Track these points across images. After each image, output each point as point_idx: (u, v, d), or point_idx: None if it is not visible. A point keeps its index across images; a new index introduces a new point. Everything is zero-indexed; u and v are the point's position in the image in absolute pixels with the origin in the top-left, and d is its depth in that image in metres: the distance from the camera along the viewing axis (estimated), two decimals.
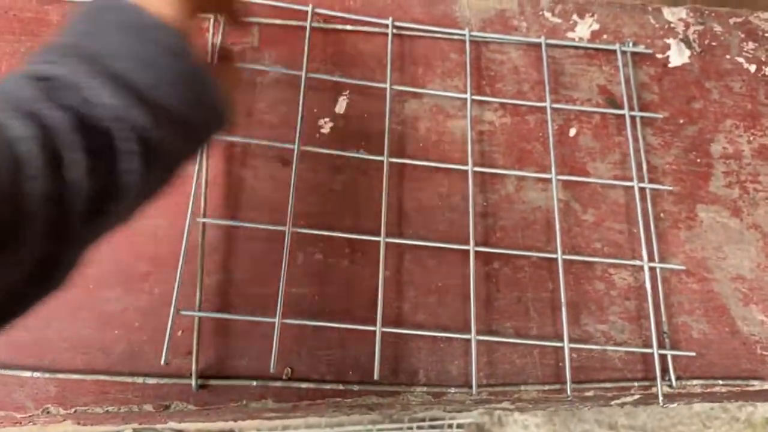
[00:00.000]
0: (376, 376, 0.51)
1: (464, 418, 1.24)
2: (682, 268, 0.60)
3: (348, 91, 0.62)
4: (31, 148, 0.28)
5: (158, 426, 1.36)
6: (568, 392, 0.53)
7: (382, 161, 0.58)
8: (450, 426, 1.23)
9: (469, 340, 0.54)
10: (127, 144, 0.32)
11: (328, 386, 0.52)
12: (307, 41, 0.61)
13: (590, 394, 0.55)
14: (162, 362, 0.48)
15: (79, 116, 0.31)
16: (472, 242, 0.57)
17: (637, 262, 0.60)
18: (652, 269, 0.59)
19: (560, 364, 0.56)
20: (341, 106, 0.62)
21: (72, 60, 0.33)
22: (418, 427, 1.20)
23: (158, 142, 0.34)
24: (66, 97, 0.31)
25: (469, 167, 0.60)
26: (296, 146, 0.57)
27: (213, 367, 0.52)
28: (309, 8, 0.62)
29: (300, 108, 0.58)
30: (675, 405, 0.62)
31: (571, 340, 0.55)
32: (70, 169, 0.30)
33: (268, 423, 1.18)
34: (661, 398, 0.54)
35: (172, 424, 1.27)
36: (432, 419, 1.22)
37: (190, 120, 0.37)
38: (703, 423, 1.46)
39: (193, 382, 0.50)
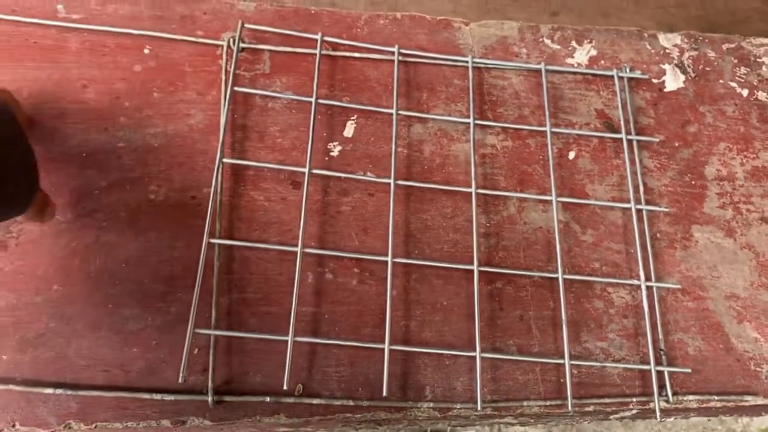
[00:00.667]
0: (385, 393, 0.53)
1: (467, 430, 1.26)
2: (678, 286, 0.63)
3: (356, 116, 0.65)
4: None
5: None
6: (569, 407, 0.55)
7: (389, 183, 0.61)
8: None
9: (474, 358, 0.56)
10: None
11: (338, 402, 0.54)
12: (317, 68, 0.63)
13: (590, 409, 0.57)
14: (180, 380, 0.50)
15: None
16: (476, 262, 0.59)
17: (635, 282, 0.62)
18: (649, 288, 0.61)
19: (561, 380, 0.58)
20: (349, 130, 0.64)
21: None
22: None
23: None
24: None
25: (473, 189, 0.62)
26: (307, 170, 0.59)
27: (227, 383, 0.54)
28: (318, 36, 0.65)
29: (310, 132, 0.60)
30: (672, 419, 0.64)
31: (571, 357, 0.57)
32: None
33: None
34: (658, 413, 0.57)
35: None
36: (433, 431, 1.24)
37: None
38: None
39: (210, 398, 0.52)
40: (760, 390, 0.61)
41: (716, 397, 0.59)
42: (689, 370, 0.60)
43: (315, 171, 0.60)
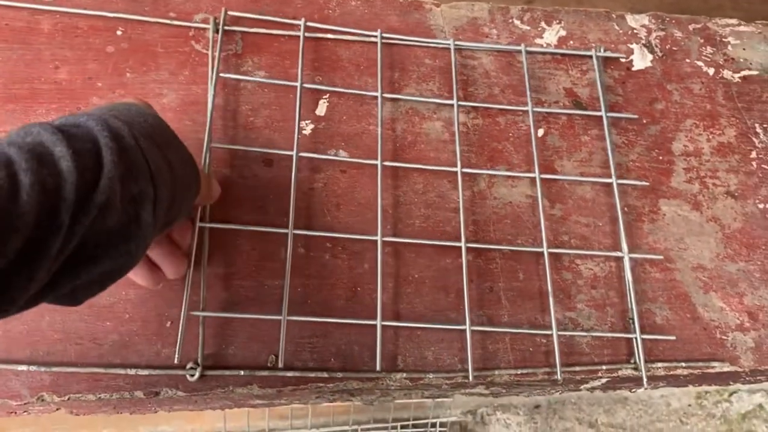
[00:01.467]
0: (378, 368, 0.54)
1: (447, 417, 1.27)
2: (660, 257, 0.64)
3: (328, 95, 0.66)
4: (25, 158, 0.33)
5: (146, 431, 1.37)
6: (558, 376, 0.56)
7: (376, 165, 0.62)
8: (433, 425, 1.26)
9: (463, 331, 0.57)
10: (106, 141, 0.37)
11: (312, 374, 0.55)
12: (301, 53, 0.64)
13: (558, 377, 0.58)
14: (175, 361, 0.51)
15: (66, 129, 0.37)
16: (463, 239, 0.60)
17: (618, 253, 0.63)
18: (618, 260, 0.63)
19: (531, 349, 0.59)
20: (321, 108, 0.65)
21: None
22: (402, 427, 1.23)
23: (137, 147, 0.40)
24: (54, 126, 0.37)
25: (458, 169, 0.63)
26: (295, 152, 0.60)
27: (204, 357, 0.54)
28: (302, 22, 0.66)
29: (297, 116, 0.61)
30: (642, 389, 0.65)
31: (540, 327, 0.59)
32: (60, 163, 0.34)
33: (255, 424, 1.20)
34: (645, 380, 0.58)
35: (161, 429, 1.28)
36: (415, 419, 1.25)
37: (167, 152, 0.44)
38: (681, 419, 1.50)
39: (197, 374, 0.52)
40: (726, 357, 0.62)
41: (683, 364, 0.60)
42: (673, 337, 0.61)
43: (303, 154, 0.61)
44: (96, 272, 0.38)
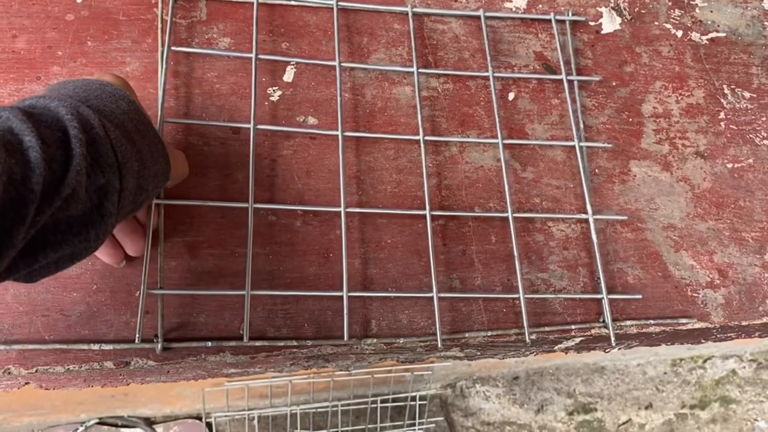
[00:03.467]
0: (346, 338, 0.54)
1: (426, 390, 1.28)
2: (624, 218, 0.64)
3: (295, 61, 0.65)
4: None
5: (125, 414, 1.36)
6: (527, 338, 0.57)
7: (337, 135, 0.61)
8: (413, 399, 1.26)
9: (431, 299, 0.57)
10: (76, 131, 0.37)
11: (282, 343, 0.54)
12: (255, 24, 0.62)
13: (533, 337, 0.59)
14: (135, 341, 0.50)
15: (30, 115, 0.35)
16: (427, 207, 0.59)
17: (582, 216, 0.63)
18: (595, 220, 0.63)
19: (504, 310, 0.59)
20: (289, 75, 0.64)
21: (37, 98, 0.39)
22: (382, 402, 1.23)
23: (106, 138, 0.39)
24: (22, 107, 0.37)
25: (420, 137, 0.62)
26: (252, 125, 0.58)
27: (173, 328, 0.54)
28: None
29: (253, 86, 0.60)
30: (616, 349, 0.65)
31: (513, 289, 0.59)
32: (28, 153, 0.33)
33: (234, 404, 1.20)
34: (613, 339, 0.58)
35: (139, 413, 1.27)
36: (395, 393, 1.25)
37: (136, 140, 0.43)
38: (657, 387, 1.52)
39: (159, 346, 0.52)
40: (697, 314, 0.63)
41: (652, 321, 0.61)
42: (640, 296, 0.62)
43: (260, 126, 0.59)
44: (54, 257, 0.37)
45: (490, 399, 1.43)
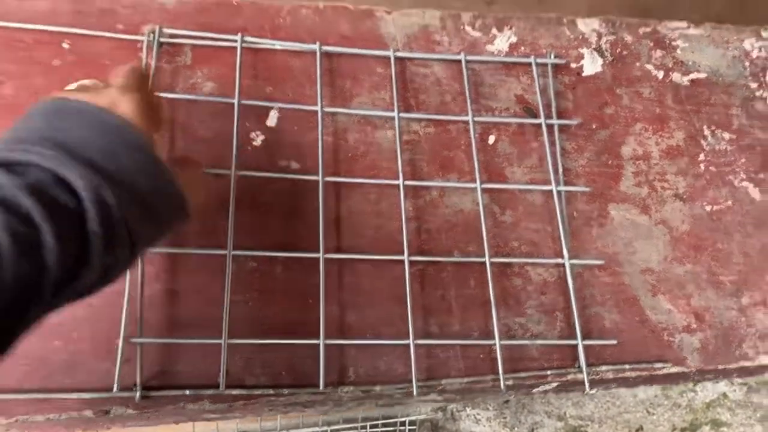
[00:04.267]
0: (321, 387, 0.54)
1: (417, 415, 1.28)
2: (601, 262, 0.65)
3: (278, 106, 0.66)
4: (1, 235, 0.30)
5: None
6: (502, 386, 0.58)
7: (317, 180, 0.62)
8: (403, 424, 1.27)
9: (407, 346, 0.58)
10: (95, 225, 0.35)
11: (259, 391, 0.55)
12: (238, 71, 0.64)
13: (510, 383, 0.59)
14: (114, 390, 0.51)
15: (48, 199, 0.33)
16: (406, 252, 0.60)
17: (559, 260, 0.64)
18: (572, 265, 0.64)
19: (481, 356, 0.60)
20: (272, 119, 0.65)
21: (39, 148, 0.35)
22: (372, 426, 1.23)
23: (123, 222, 0.37)
24: (36, 181, 0.33)
25: (400, 182, 0.63)
26: (233, 171, 0.59)
27: (151, 377, 0.54)
28: (238, 37, 0.65)
29: (235, 134, 0.61)
30: (594, 391, 0.66)
31: (490, 334, 0.60)
32: (42, 254, 0.32)
33: (224, 427, 1.20)
34: (587, 385, 0.59)
35: None
36: (385, 418, 1.26)
37: (153, 205, 0.40)
38: (647, 410, 1.53)
39: (137, 394, 0.52)
40: (673, 358, 0.64)
41: (628, 366, 0.62)
42: (614, 342, 0.62)
43: (240, 173, 0.60)
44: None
45: (480, 422, 1.43)
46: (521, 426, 1.46)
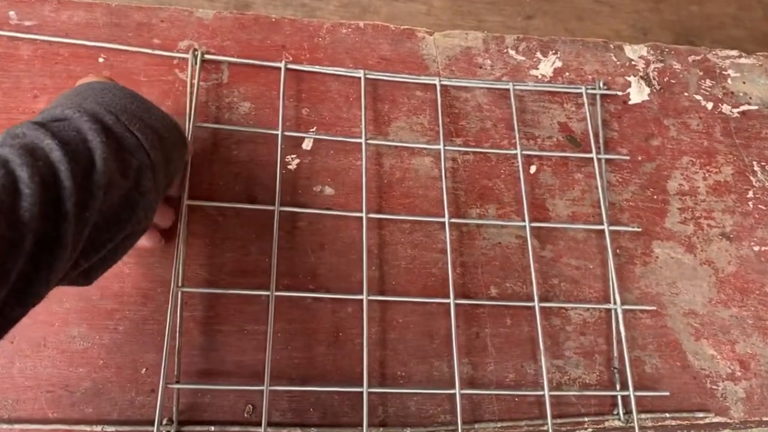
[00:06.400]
0: None
1: None
2: (653, 308, 0.62)
3: (315, 128, 0.64)
4: (28, 179, 0.33)
5: None
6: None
7: (361, 217, 0.60)
8: None
9: (453, 394, 0.56)
10: (89, 125, 0.39)
11: (285, 430, 0.53)
12: (281, 100, 0.62)
13: (545, 429, 0.57)
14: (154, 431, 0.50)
15: (48, 124, 0.38)
16: (452, 295, 0.58)
17: (610, 306, 0.61)
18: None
19: (516, 399, 0.57)
20: (308, 143, 0.63)
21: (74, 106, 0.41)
22: None
23: (121, 125, 0.42)
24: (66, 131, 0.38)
25: (445, 219, 0.61)
26: (276, 207, 0.58)
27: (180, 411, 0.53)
28: (282, 65, 0.63)
29: (278, 167, 0.59)
30: None
31: (526, 375, 0.57)
32: (50, 154, 0.35)
33: None
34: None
35: None
36: None
37: (161, 130, 0.46)
38: None
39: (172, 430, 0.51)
40: (716, 408, 0.61)
41: (668, 415, 0.59)
42: (666, 393, 0.59)
43: (283, 209, 0.58)
44: (111, 246, 0.40)
45: None
46: None
